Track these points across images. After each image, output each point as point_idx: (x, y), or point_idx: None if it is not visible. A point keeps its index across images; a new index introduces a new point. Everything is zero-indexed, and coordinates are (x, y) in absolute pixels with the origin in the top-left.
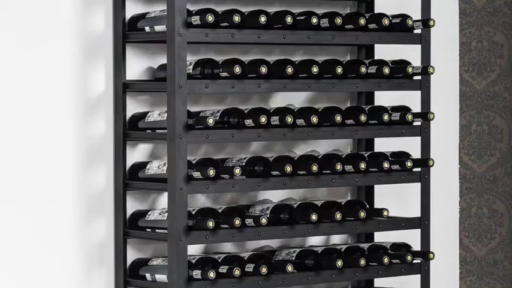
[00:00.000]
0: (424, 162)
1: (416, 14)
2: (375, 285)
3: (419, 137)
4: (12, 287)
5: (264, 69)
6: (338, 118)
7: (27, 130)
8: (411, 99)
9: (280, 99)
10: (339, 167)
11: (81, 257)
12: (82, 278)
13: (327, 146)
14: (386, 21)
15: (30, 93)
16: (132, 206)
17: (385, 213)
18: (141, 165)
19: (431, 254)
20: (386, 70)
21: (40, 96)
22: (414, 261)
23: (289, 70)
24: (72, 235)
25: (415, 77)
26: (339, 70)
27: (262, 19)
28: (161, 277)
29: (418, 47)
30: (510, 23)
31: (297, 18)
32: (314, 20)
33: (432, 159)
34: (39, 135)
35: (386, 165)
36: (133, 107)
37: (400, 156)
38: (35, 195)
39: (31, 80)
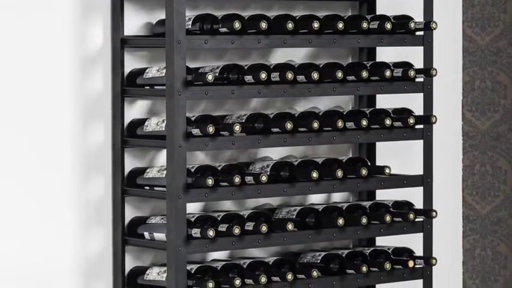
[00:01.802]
0: (427, 119)
1: None
2: (377, 244)
3: (422, 94)
4: (12, 245)
5: (264, 25)
6: (339, 74)
7: (24, 88)
8: (413, 55)
9: (281, 55)
10: (340, 123)
11: (78, 216)
12: (79, 237)
13: (328, 102)
14: None
15: (28, 49)
16: (130, 163)
17: (387, 170)
18: (139, 122)
19: (434, 212)
20: (388, 26)
21: (37, 52)
22: (416, 220)
23: (290, 25)
24: (70, 194)
25: (418, 33)
26: (340, 25)
27: None
28: (160, 235)
29: (421, 1)
30: None
31: None
32: None
33: (435, 116)
34: (35, 91)
35: (388, 122)
36: (131, 63)
37: (402, 113)
38: (32, 154)
39: (28, 36)
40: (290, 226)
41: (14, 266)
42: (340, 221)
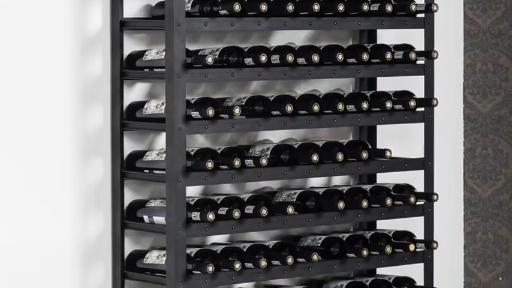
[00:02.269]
0: (428, 101)
1: None
2: (377, 228)
3: (423, 77)
4: (11, 229)
5: (264, 7)
6: (340, 57)
7: (23, 71)
8: (414, 38)
9: (281, 38)
10: (340, 106)
11: (78, 200)
12: (79, 221)
13: (328, 85)
14: None
15: (27, 32)
16: (130, 146)
17: (387, 153)
18: (138, 105)
19: (435, 196)
20: (389, 8)
21: (36, 34)
22: (417, 203)
23: (290, 8)
24: (69, 177)
25: (419, 15)
26: (341, 8)
27: None
28: (159, 219)
29: None
30: None
31: None
32: None
33: (436, 99)
34: (34, 74)
35: (389, 104)
36: (130, 46)
37: (403, 96)
38: (30, 137)
39: (27, 18)
40: (290, 209)
41: (13, 249)
42: (341, 205)
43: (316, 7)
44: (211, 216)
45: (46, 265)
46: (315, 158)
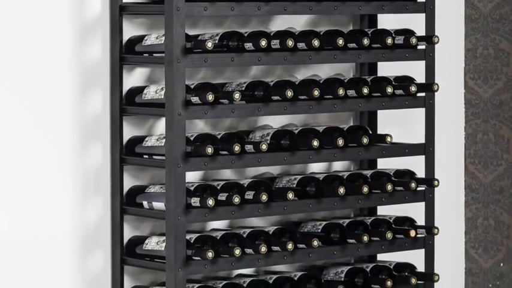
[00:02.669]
0: (429, 86)
1: None
2: (378, 213)
3: (424, 62)
4: (10, 215)
5: None
6: (340, 41)
7: (22, 55)
8: (415, 23)
9: (281, 23)
10: (341, 91)
11: (77, 185)
12: (78, 207)
13: (329, 70)
14: None
15: (25, 16)
16: (129, 131)
17: (388, 139)
18: (138, 90)
19: (436, 181)
20: None
21: (35, 18)
22: (418, 189)
23: None
24: (68, 162)
25: (419, 0)
26: None
27: None
28: (158, 205)
29: None
30: None
31: None
32: None
33: (437, 84)
34: (33, 58)
35: (389, 89)
36: (130, 31)
37: (404, 81)
38: (29, 122)
39: (26, 2)
40: (290, 195)
41: (11, 236)
42: (341, 190)
43: None
44: (211, 201)
45: (45, 251)
46: (315, 143)
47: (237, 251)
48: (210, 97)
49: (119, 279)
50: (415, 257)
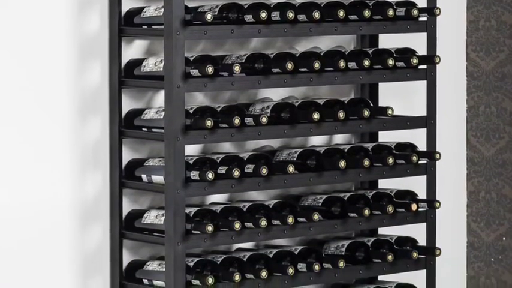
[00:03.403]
0: (430, 59)
1: None
2: (379, 187)
3: (425, 34)
4: (8, 189)
5: None
6: (341, 13)
7: (19, 27)
8: None
9: None
10: (341, 63)
11: (75, 159)
12: (76, 180)
13: (329, 42)
14: None
15: None
16: (128, 104)
17: (389, 111)
18: (137, 62)
19: (438, 154)
20: None
21: None
22: (420, 162)
23: None
24: (66, 135)
25: None
26: None
27: None
28: (158, 178)
29: None
30: None
31: None
32: None
33: (438, 56)
34: (31, 31)
35: (391, 62)
36: (128, 2)
37: (405, 53)
38: (26, 96)
39: None
40: (291, 168)
41: (10, 209)
42: (342, 164)
43: None
44: (210, 175)
45: (43, 225)
46: (316, 116)
47: (237, 225)
48: (210, 69)
49: (117, 253)
50: (417, 231)
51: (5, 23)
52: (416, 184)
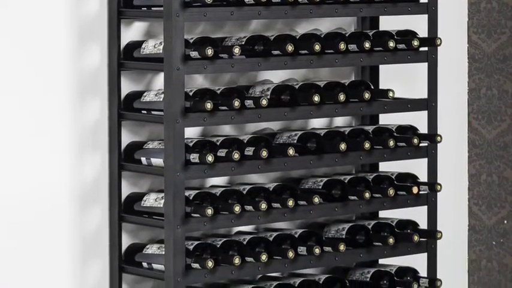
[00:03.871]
0: (431, 41)
1: None
2: (380, 169)
3: (426, 15)
4: (7, 172)
5: None
6: None
7: (18, 9)
8: None
9: None
10: (342, 46)
11: (74, 141)
12: (75, 162)
13: (330, 24)
14: None
15: None
16: (127, 86)
17: (390, 94)
18: (136, 44)
19: (439, 137)
20: None
21: None
22: (421, 145)
23: None
24: (65, 118)
25: None
26: None
27: None
28: (157, 161)
29: None
30: None
31: None
32: None
33: (440, 38)
34: (29, 11)
35: (391, 44)
36: None
37: (406, 35)
38: (26, 78)
39: None
40: (291, 151)
41: (9, 192)
42: (342, 146)
43: None
44: (210, 158)
45: (42, 208)
46: (316, 98)
47: (237, 208)
48: (210, 51)
49: (116, 236)
50: (418, 214)
51: (4, 6)
52: (417, 167)
